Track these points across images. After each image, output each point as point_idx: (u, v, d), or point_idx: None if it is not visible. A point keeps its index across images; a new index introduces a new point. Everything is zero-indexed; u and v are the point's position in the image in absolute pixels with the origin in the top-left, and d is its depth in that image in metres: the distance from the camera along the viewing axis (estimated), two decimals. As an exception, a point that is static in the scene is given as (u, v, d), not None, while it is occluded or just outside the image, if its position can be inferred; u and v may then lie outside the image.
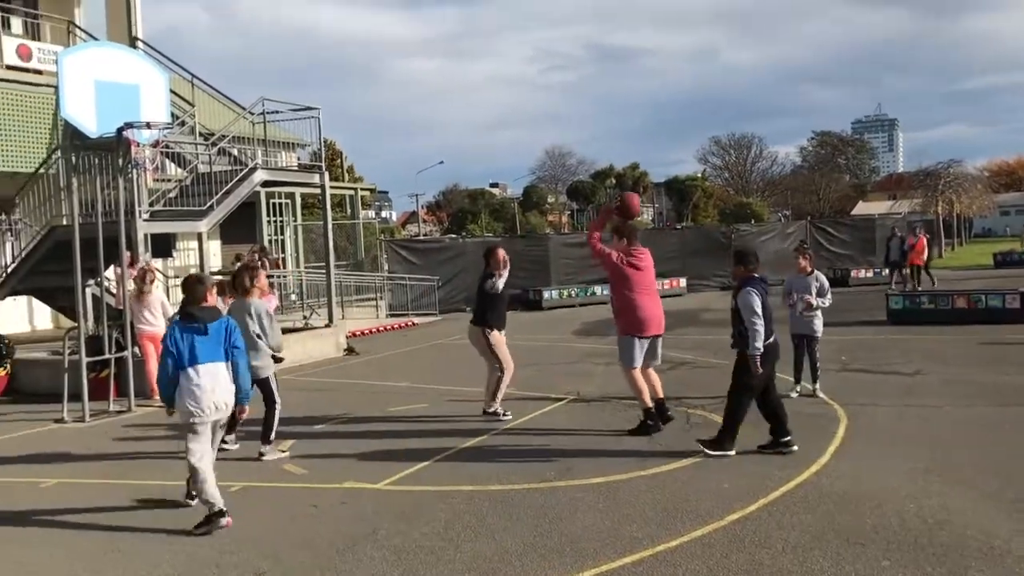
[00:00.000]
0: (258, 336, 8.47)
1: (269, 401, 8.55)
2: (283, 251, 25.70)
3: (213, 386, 6.32)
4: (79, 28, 19.36)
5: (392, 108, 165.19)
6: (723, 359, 13.58)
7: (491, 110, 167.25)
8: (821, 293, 10.23)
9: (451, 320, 22.26)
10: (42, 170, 14.88)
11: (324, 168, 17.80)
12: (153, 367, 12.50)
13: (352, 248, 28.12)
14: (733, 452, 7.71)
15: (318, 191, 18.04)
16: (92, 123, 12.62)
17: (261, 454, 8.42)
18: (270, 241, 25.02)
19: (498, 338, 9.79)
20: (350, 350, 16.75)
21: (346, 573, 5.45)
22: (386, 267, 25.27)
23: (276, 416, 8.56)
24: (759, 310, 7.62)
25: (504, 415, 9.61)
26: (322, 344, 16.52)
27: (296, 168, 22.04)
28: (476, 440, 8.74)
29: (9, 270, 14.67)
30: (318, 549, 5.85)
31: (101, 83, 12.82)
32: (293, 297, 22.96)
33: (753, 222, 40.71)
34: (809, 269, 10.37)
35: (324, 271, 18.15)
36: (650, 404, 8.70)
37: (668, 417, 8.88)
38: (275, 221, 25.55)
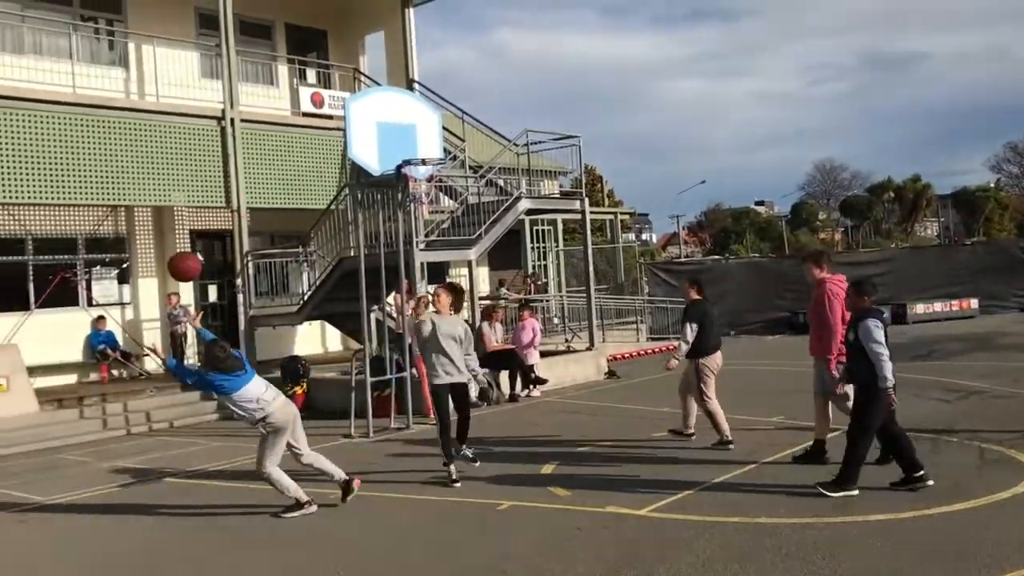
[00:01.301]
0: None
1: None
2: (546, 276, 26.41)
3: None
4: (363, 75, 21.15)
5: (652, 131, 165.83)
6: (1023, 388, 12.25)
7: (755, 127, 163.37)
8: None
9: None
10: (332, 206, 16.36)
11: (584, 194, 18.13)
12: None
13: (612, 271, 28.37)
14: (856, 491, 7.31)
15: (579, 217, 18.39)
16: (375, 162, 13.69)
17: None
18: (534, 266, 25.83)
19: None
20: (611, 373, 16.86)
21: (609, 599, 5.45)
22: (646, 290, 25.23)
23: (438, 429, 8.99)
24: (882, 339, 7.23)
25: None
26: (583, 367, 16.77)
27: (558, 195, 22.62)
28: (743, 470, 8.47)
29: (306, 298, 16.23)
30: (579, 573, 5.90)
31: (382, 124, 13.89)
32: (555, 321, 23.50)
33: (1057, 235, 36.43)
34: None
35: (585, 295, 18.45)
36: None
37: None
38: (538, 247, 26.34)
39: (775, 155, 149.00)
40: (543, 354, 15.97)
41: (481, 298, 19.02)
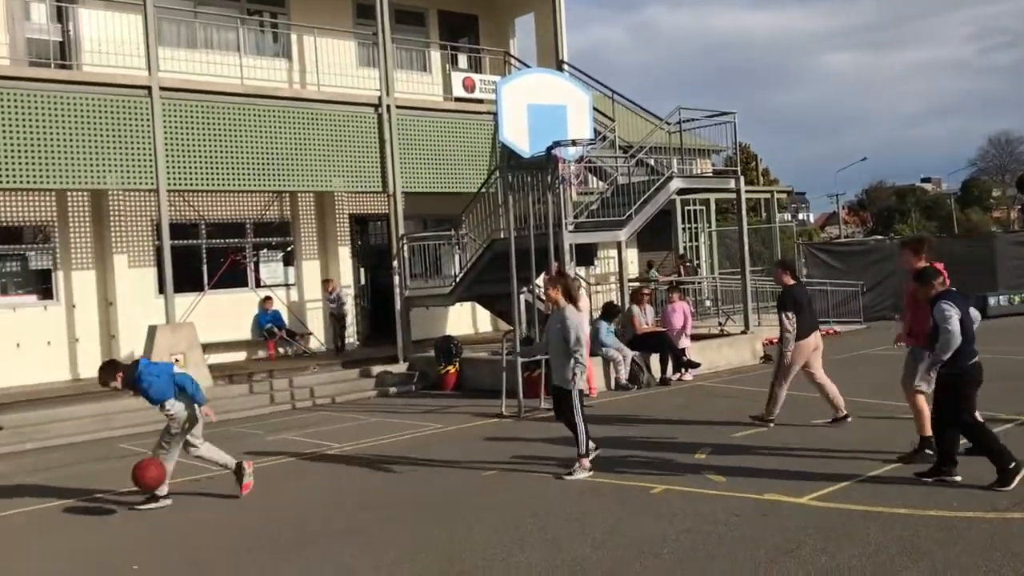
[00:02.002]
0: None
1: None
2: (697, 257, 25.89)
3: None
4: (513, 57, 21.27)
5: (809, 107, 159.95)
6: None
7: (921, 99, 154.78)
8: None
9: (877, 329, 20.80)
10: (483, 189, 16.57)
11: (739, 173, 17.64)
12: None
13: (767, 253, 27.50)
14: (1014, 483, 6.86)
15: (733, 196, 17.90)
16: (525, 144, 13.77)
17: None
18: (685, 247, 25.36)
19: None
20: (767, 358, 16.36)
21: (768, 588, 5.28)
22: (804, 271, 24.32)
23: (579, 433, 8.34)
24: (953, 317, 7.06)
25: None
26: (738, 351, 16.36)
27: (711, 174, 22.10)
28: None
29: (457, 279, 16.54)
30: (738, 560, 5.75)
31: (533, 107, 13.94)
32: (707, 303, 23.03)
33: None
34: None
35: (739, 277, 17.96)
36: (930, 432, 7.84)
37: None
38: (689, 228, 25.84)
39: (943, 129, 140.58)
40: (695, 337, 15.68)
41: (630, 280, 18.83)
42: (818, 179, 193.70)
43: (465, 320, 20.74)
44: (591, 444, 8.48)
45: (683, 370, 14.56)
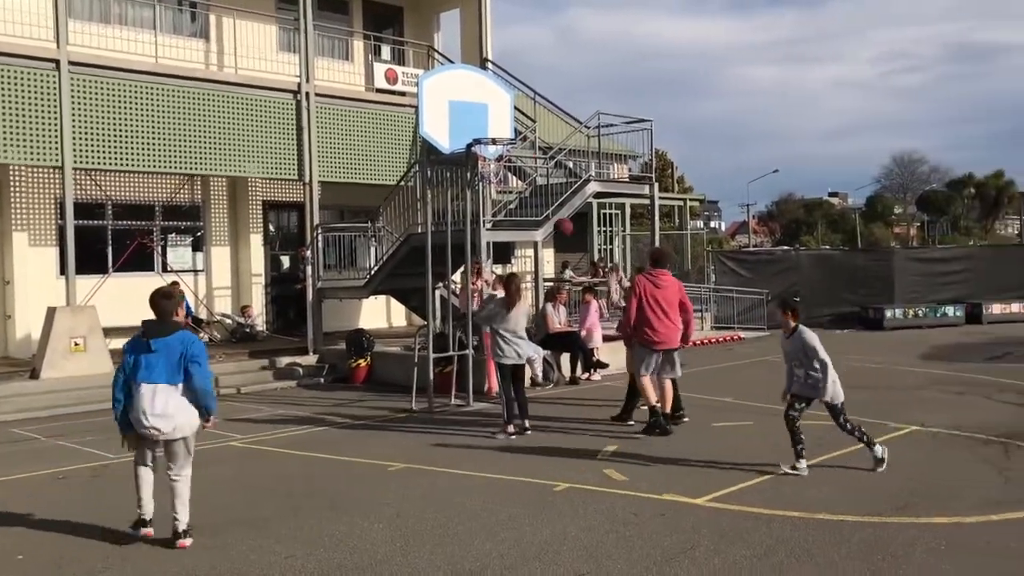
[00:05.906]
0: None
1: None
2: (611, 260, 26.26)
3: (147, 407, 6.33)
4: (437, 52, 21.21)
5: (725, 118, 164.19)
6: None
7: (832, 116, 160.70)
8: None
9: (779, 336, 21.40)
10: (402, 183, 16.50)
11: (654, 179, 17.97)
12: (492, 367, 13.33)
13: (678, 258, 28.06)
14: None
15: (648, 201, 18.23)
16: (445, 140, 13.74)
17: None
18: (600, 250, 25.70)
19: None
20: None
21: (662, 586, 5.42)
22: (713, 278, 24.91)
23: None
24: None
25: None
26: (647, 353, 16.62)
27: (627, 179, 22.45)
28: (805, 464, 8.32)
29: (372, 272, 16.42)
30: (635, 559, 5.89)
31: (454, 103, 13.92)
32: (621, 306, 23.35)
33: None
34: None
35: (651, 281, 18.26)
36: (655, 403, 9.83)
37: (679, 420, 10.39)
38: (605, 231, 26.19)
39: (852, 146, 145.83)
40: (606, 339, 15.90)
41: (545, 280, 19.00)
42: (732, 189, 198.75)
43: (379, 314, 20.62)
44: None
45: (592, 370, 14.77)
